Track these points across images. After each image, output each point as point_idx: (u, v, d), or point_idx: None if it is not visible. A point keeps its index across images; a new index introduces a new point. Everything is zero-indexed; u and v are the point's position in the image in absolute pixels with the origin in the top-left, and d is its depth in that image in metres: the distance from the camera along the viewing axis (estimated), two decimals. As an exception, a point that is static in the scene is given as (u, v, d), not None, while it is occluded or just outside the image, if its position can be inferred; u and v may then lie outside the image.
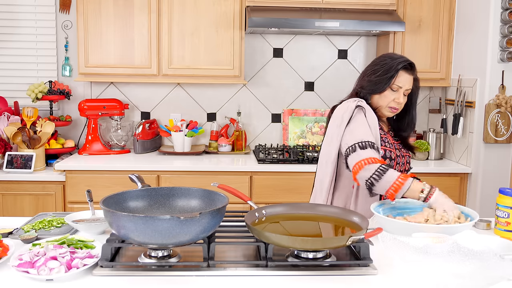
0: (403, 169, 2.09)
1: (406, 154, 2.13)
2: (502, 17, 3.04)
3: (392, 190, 1.81)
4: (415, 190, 1.80)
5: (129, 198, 1.64)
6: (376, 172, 1.82)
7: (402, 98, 2.02)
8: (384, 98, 2.03)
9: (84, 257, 1.44)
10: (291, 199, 3.16)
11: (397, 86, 2.00)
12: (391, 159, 2.02)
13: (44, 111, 3.62)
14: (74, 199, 3.12)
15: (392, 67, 2.00)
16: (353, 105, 2.00)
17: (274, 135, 3.83)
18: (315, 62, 3.78)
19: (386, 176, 1.81)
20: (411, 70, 2.03)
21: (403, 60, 2.02)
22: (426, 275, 1.34)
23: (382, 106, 2.04)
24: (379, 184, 1.82)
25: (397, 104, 2.02)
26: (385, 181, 1.81)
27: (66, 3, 3.57)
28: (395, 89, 2.01)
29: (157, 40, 3.34)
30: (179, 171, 3.17)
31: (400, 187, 1.80)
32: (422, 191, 1.80)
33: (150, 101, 3.75)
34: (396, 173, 1.83)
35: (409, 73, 2.02)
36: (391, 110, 2.04)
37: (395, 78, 2.00)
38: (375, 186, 1.84)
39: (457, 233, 1.60)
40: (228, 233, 1.65)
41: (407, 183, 1.80)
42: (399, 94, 2.01)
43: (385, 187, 1.82)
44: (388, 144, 2.04)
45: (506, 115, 3.11)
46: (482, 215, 2.00)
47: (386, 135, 2.07)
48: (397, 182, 1.80)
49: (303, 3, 3.33)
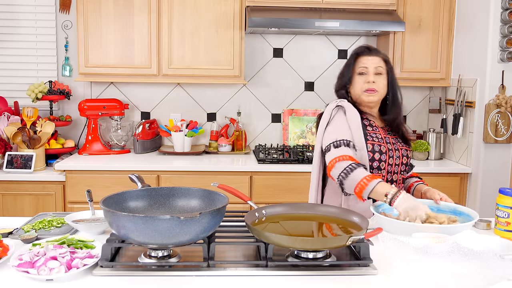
0: (399, 162, 2.07)
1: (403, 147, 2.11)
2: (502, 17, 3.04)
3: (357, 189, 1.83)
4: (380, 192, 1.79)
5: (129, 198, 1.64)
6: (345, 170, 1.85)
7: (373, 77, 2.03)
8: (356, 86, 2.07)
9: (84, 257, 1.44)
10: (291, 199, 3.16)
11: (362, 68, 2.05)
12: (381, 153, 2.01)
13: (44, 111, 3.62)
14: (74, 199, 3.12)
15: (350, 56, 2.12)
16: (333, 106, 2.06)
17: (274, 135, 3.83)
18: (315, 62, 3.78)
19: (353, 174, 1.83)
20: (371, 51, 2.08)
21: (359, 47, 2.11)
22: (426, 275, 1.34)
23: (359, 94, 2.06)
24: (347, 182, 1.85)
25: (369, 85, 2.03)
26: (352, 179, 1.84)
27: (66, 3, 3.57)
28: (362, 72, 2.05)
29: (157, 40, 3.34)
30: (179, 171, 3.17)
31: (365, 187, 1.81)
32: (386, 194, 1.78)
33: (150, 101, 3.75)
34: (363, 172, 1.84)
35: (369, 55, 2.07)
36: (368, 93, 2.04)
37: (355, 64, 2.06)
38: (344, 184, 1.87)
39: (457, 233, 1.60)
40: (228, 233, 1.65)
41: (372, 184, 1.80)
42: (368, 76, 2.04)
43: (352, 185, 1.84)
44: (377, 139, 2.03)
45: (506, 115, 3.11)
46: (482, 215, 2.00)
47: (376, 130, 2.06)
48: (362, 182, 1.81)
49: (303, 3, 3.33)
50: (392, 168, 2.05)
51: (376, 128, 2.08)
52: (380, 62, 2.06)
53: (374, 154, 2.01)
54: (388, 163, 2.03)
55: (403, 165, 2.10)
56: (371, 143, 2.01)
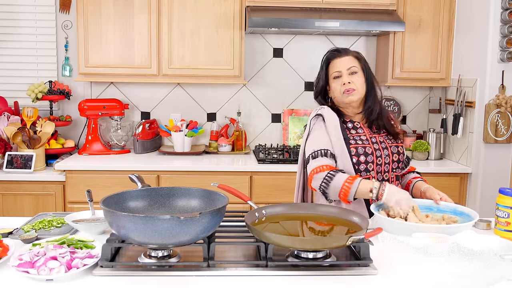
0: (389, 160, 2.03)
1: (392, 144, 2.07)
2: (502, 17, 3.04)
3: (342, 194, 1.85)
4: (364, 190, 1.81)
5: (129, 198, 1.64)
6: (324, 180, 1.88)
7: (348, 78, 2.02)
8: (334, 90, 2.07)
9: (84, 257, 1.44)
10: (291, 199, 3.14)
11: (336, 72, 2.04)
12: (366, 154, 1.99)
13: (44, 111, 3.62)
14: (74, 199, 3.12)
15: (322, 62, 2.10)
16: (312, 115, 2.09)
17: (274, 135, 3.83)
18: (315, 62, 3.78)
19: (333, 182, 1.86)
20: (340, 53, 2.06)
21: (328, 51, 2.10)
22: (426, 275, 1.34)
23: (339, 97, 2.05)
24: (330, 191, 1.88)
25: (345, 86, 2.02)
26: (333, 187, 1.86)
27: (66, 3, 3.57)
28: (337, 76, 2.04)
29: (157, 40, 3.34)
30: (179, 171, 3.17)
31: (348, 190, 1.83)
32: (371, 190, 1.79)
33: (150, 101, 3.75)
34: (343, 177, 1.86)
35: (341, 56, 2.06)
36: (346, 93, 2.02)
37: (328, 69, 2.07)
38: (327, 194, 1.89)
39: (457, 233, 1.60)
40: (228, 233, 1.65)
41: (354, 185, 1.82)
42: (343, 78, 2.03)
43: (335, 193, 1.87)
44: (361, 141, 2.02)
45: (506, 115, 3.11)
46: (482, 215, 2.00)
47: (361, 131, 2.05)
48: (345, 186, 1.84)
49: (303, 3, 3.33)
50: (382, 167, 2.02)
51: (361, 129, 2.06)
52: (352, 61, 2.05)
53: (359, 157, 1.99)
54: (377, 163, 2.01)
55: (394, 162, 2.06)
56: (354, 147, 2.00)
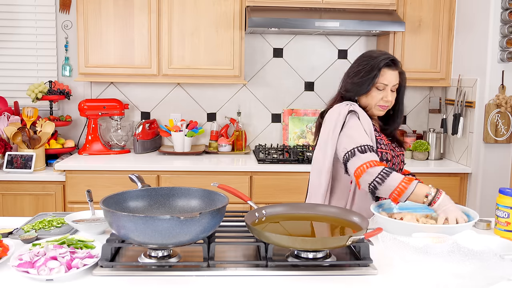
0: (398, 168, 2.07)
1: (400, 153, 2.10)
2: (502, 17, 3.04)
3: (395, 194, 1.77)
4: (420, 194, 1.76)
5: (129, 198, 1.64)
6: (379, 175, 1.79)
7: (391, 96, 1.99)
8: (371, 99, 2.00)
9: (84, 257, 1.44)
10: (291, 199, 3.16)
11: (383, 85, 1.97)
12: (387, 160, 1.98)
13: (44, 111, 3.62)
14: (74, 199, 3.12)
15: (374, 66, 1.97)
16: (346, 110, 1.97)
17: (274, 135, 3.83)
18: (315, 62, 3.78)
19: (389, 179, 1.78)
20: (395, 66, 2.00)
21: (384, 58, 1.98)
22: (426, 275, 1.34)
23: (371, 106, 2.02)
24: (382, 188, 1.79)
25: (386, 102, 1.99)
26: (388, 184, 1.78)
27: (66, 3, 3.57)
28: (381, 88, 1.98)
29: (157, 40, 3.34)
30: (179, 171, 3.17)
31: (404, 191, 1.76)
32: (427, 195, 1.75)
33: (150, 101, 3.75)
34: (399, 176, 1.79)
35: (393, 69, 1.99)
36: (381, 108, 2.01)
37: (378, 78, 1.97)
38: (378, 190, 1.81)
39: (457, 233, 1.60)
40: (228, 233, 1.65)
41: (411, 187, 1.76)
42: (387, 92, 1.98)
43: (388, 191, 1.79)
44: (384, 146, 2.00)
45: (506, 115, 3.11)
46: (482, 215, 2.00)
47: (381, 136, 2.04)
48: (401, 186, 1.76)
49: (303, 3, 3.33)
50: None
51: (380, 134, 2.05)
52: (398, 78, 2.00)
53: (382, 162, 1.97)
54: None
55: (400, 170, 2.10)
56: (380, 151, 1.98)
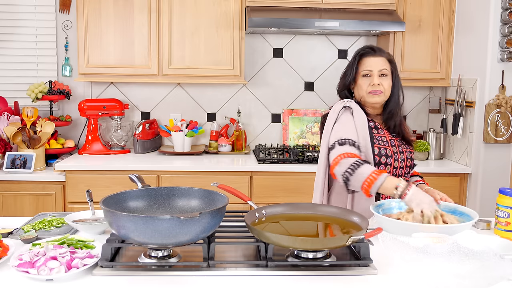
0: (403, 165, 2.07)
1: (406, 150, 2.09)
2: (502, 17, 3.04)
3: (365, 184, 1.79)
4: (389, 185, 1.77)
5: (129, 198, 1.64)
6: (351, 166, 1.82)
7: (378, 80, 2.01)
8: (360, 87, 2.05)
9: (84, 257, 1.44)
10: (291, 199, 3.16)
11: (366, 71, 2.03)
12: (387, 156, 2.00)
13: (44, 111, 3.62)
14: (74, 199, 3.12)
15: (354, 56, 2.08)
16: (340, 106, 2.04)
17: (274, 135, 3.83)
18: (315, 62, 3.78)
19: (360, 170, 1.80)
20: (375, 52, 2.04)
21: (363, 47, 2.08)
22: (426, 275, 1.34)
23: (364, 96, 2.04)
24: (353, 178, 1.82)
25: (374, 87, 2.01)
26: (358, 175, 1.80)
27: (66, 3, 3.57)
28: (367, 74, 2.03)
29: (157, 40, 3.34)
30: (179, 171, 3.17)
31: (373, 181, 1.77)
32: (397, 187, 1.77)
33: (150, 101, 3.75)
34: (370, 168, 1.81)
35: (374, 56, 2.04)
36: (373, 94, 2.02)
37: (359, 65, 2.04)
38: (350, 181, 1.83)
39: (457, 233, 1.60)
40: (228, 233, 1.65)
41: (381, 178, 1.77)
42: (373, 78, 2.02)
43: (359, 181, 1.81)
44: (382, 142, 2.02)
45: (506, 115, 3.11)
46: (482, 215, 2.00)
47: (381, 133, 2.04)
48: (371, 177, 1.78)
49: (303, 3, 3.33)
50: (397, 171, 2.04)
51: (382, 131, 2.06)
52: (385, 64, 2.03)
53: (381, 157, 1.99)
54: (394, 166, 2.02)
55: (407, 167, 2.09)
56: (377, 147, 1.99)
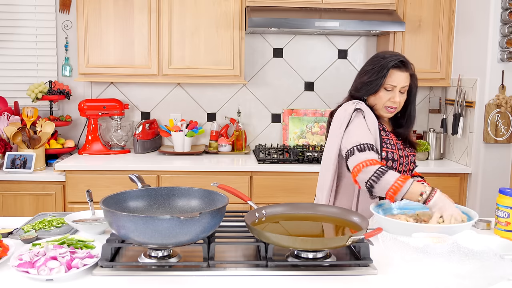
0: (407, 169, 2.07)
1: (410, 153, 2.09)
2: (502, 17, 3.04)
3: (391, 192, 1.79)
4: (415, 192, 1.77)
5: (129, 198, 1.64)
6: (375, 174, 1.81)
7: (398, 97, 1.98)
8: (379, 99, 2.00)
9: (84, 257, 1.44)
10: (291, 199, 3.15)
11: (391, 86, 1.97)
12: (393, 160, 1.99)
13: (44, 111, 3.62)
14: (74, 199, 3.12)
15: (383, 66, 1.97)
16: (352, 108, 1.99)
17: (274, 135, 3.83)
18: (315, 62, 3.78)
19: (385, 177, 1.79)
20: (404, 67, 1.99)
21: (394, 59, 1.97)
22: (426, 275, 1.34)
23: (379, 107, 2.02)
24: (378, 186, 1.81)
25: (393, 104, 1.99)
26: (384, 182, 1.79)
27: (66, 3, 3.57)
28: (389, 89, 1.98)
29: (157, 40, 3.34)
30: (179, 171, 3.17)
31: (399, 189, 1.77)
32: (422, 194, 1.77)
33: (150, 101, 3.75)
34: (395, 174, 1.80)
35: (402, 71, 1.98)
36: (388, 110, 2.01)
37: (386, 78, 1.96)
38: (374, 188, 1.82)
39: (457, 233, 1.60)
40: (228, 233, 1.65)
41: (406, 185, 1.77)
42: (394, 93, 1.98)
43: (384, 189, 1.80)
44: (390, 146, 2.01)
45: (506, 115, 3.11)
46: (482, 215, 2.00)
47: (388, 136, 2.04)
48: (396, 184, 1.77)
49: (303, 3, 3.33)
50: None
51: (389, 134, 2.05)
52: (408, 80, 1.99)
53: (387, 162, 1.98)
54: (398, 169, 2.01)
55: (410, 171, 2.09)
56: (385, 150, 1.98)
